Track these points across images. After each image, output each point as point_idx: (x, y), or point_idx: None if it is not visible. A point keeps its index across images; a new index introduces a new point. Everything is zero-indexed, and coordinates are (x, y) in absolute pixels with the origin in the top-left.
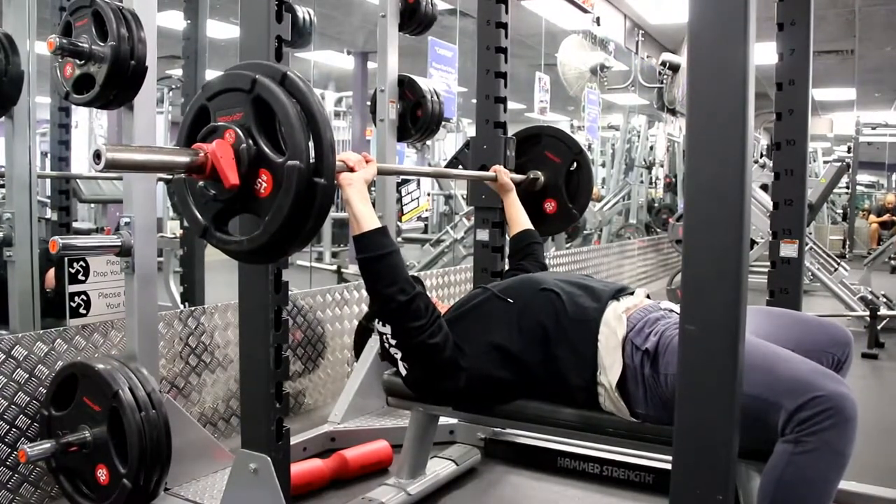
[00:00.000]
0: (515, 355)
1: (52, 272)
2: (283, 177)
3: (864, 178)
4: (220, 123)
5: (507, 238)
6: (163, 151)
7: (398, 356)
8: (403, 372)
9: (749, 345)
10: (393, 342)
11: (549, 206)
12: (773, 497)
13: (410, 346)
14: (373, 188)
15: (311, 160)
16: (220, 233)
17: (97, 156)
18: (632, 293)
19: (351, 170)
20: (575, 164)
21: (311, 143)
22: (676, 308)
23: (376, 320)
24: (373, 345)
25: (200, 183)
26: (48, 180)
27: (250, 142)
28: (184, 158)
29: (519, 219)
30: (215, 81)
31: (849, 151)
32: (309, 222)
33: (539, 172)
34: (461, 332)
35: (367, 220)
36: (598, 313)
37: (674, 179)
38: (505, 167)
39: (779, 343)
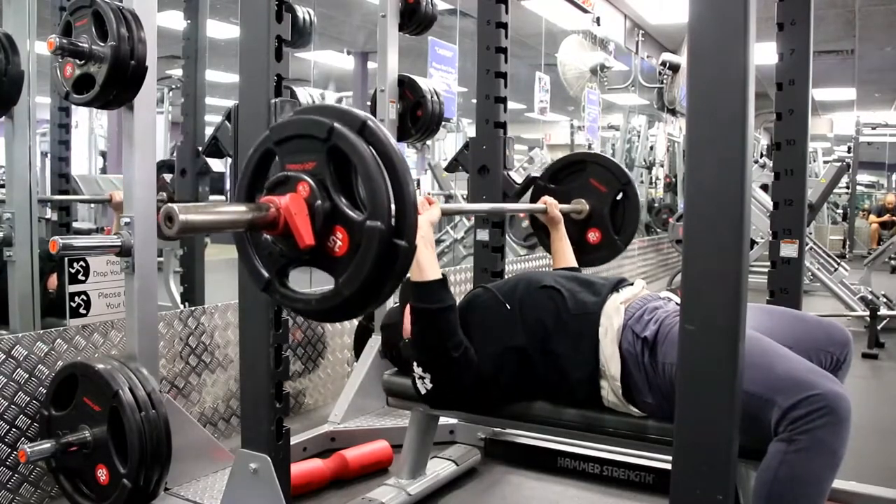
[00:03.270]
0: (518, 356)
1: (55, 275)
2: (361, 237)
3: (864, 178)
4: (291, 173)
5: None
6: (235, 210)
7: (423, 384)
8: (423, 391)
9: (747, 340)
10: (426, 378)
11: (593, 235)
12: (767, 496)
13: (446, 385)
14: None
15: (392, 219)
16: (285, 288)
17: (169, 218)
18: (631, 284)
19: None
20: (621, 194)
21: (392, 201)
22: (675, 297)
23: (415, 364)
24: (373, 345)
25: (266, 235)
26: (48, 180)
27: (325, 196)
28: (255, 215)
29: (565, 254)
30: (286, 125)
31: (849, 151)
32: (386, 286)
33: (583, 201)
34: (469, 337)
35: (430, 268)
36: (598, 307)
37: (674, 179)
38: (504, 167)
39: (777, 341)
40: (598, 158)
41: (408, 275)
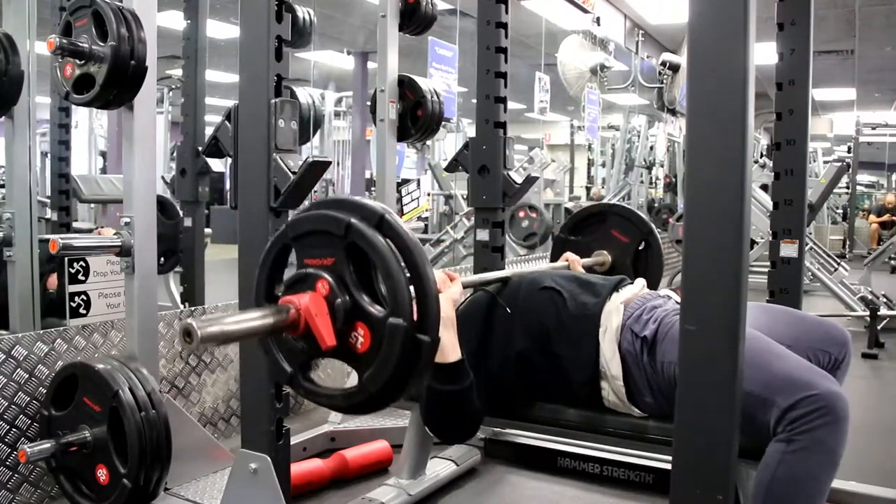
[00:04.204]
0: (520, 358)
1: (55, 275)
2: (384, 334)
3: (864, 178)
4: (310, 271)
5: None
6: (254, 317)
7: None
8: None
9: (746, 339)
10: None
11: None
12: (765, 496)
13: (454, 440)
14: (372, 188)
15: (414, 316)
16: (309, 382)
17: (188, 334)
18: (631, 283)
19: None
20: (644, 244)
21: (413, 297)
22: (675, 295)
23: (427, 428)
24: None
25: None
26: (48, 180)
27: (345, 293)
28: (275, 319)
29: None
30: (302, 221)
31: (849, 151)
32: (411, 381)
33: (605, 252)
34: (468, 340)
35: (451, 350)
36: (598, 307)
37: (674, 179)
38: (504, 167)
39: (776, 340)
40: (618, 209)
41: None
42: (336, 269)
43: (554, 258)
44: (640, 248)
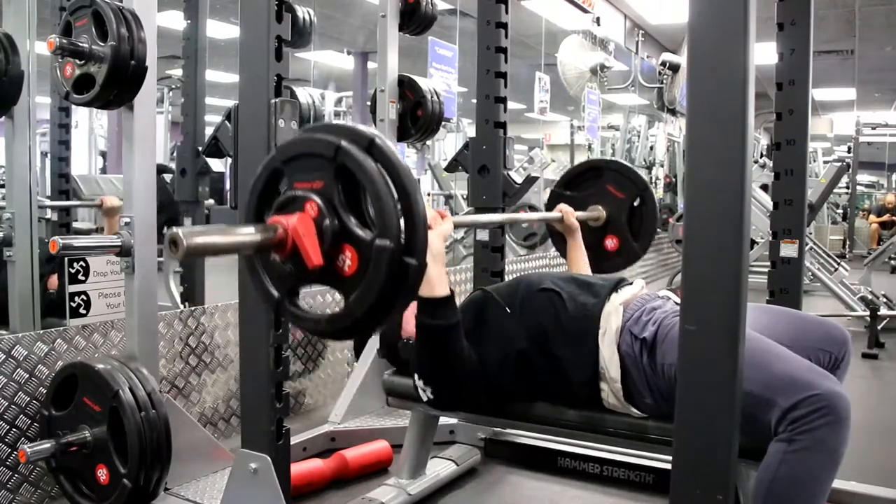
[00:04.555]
0: (519, 359)
1: (55, 275)
2: (370, 257)
3: (864, 178)
4: (299, 193)
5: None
6: (242, 232)
7: (426, 393)
8: (424, 398)
9: (746, 339)
10: (429, 390)
11: (611, 242)
12: (766, 496)
13: (443, 394)
14: None
15: (401, 238)
16: (295, 307)
17: (174, 243)
18: (630, 284)
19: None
20: (639, 200)
21: (400, 219)
22: (674, 296)
23: (416, 376)
24: (373, 345)
25: (275, 255)
26: (48, 180)
27: (334, 215)
28: (263, 236)
29: (579, 263)
30: (292, 145)
31: (849, 151)
32: (396, 305)
33: (600, 207)
34: (470, 340)
35: (439, 284)
36: (598, 308)
37: (674, 179)
38: (504, 167)
39: (775, 340)
40: (614, 164)
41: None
42: (325, 191)
43: (549, 210)
44: (635, 204)
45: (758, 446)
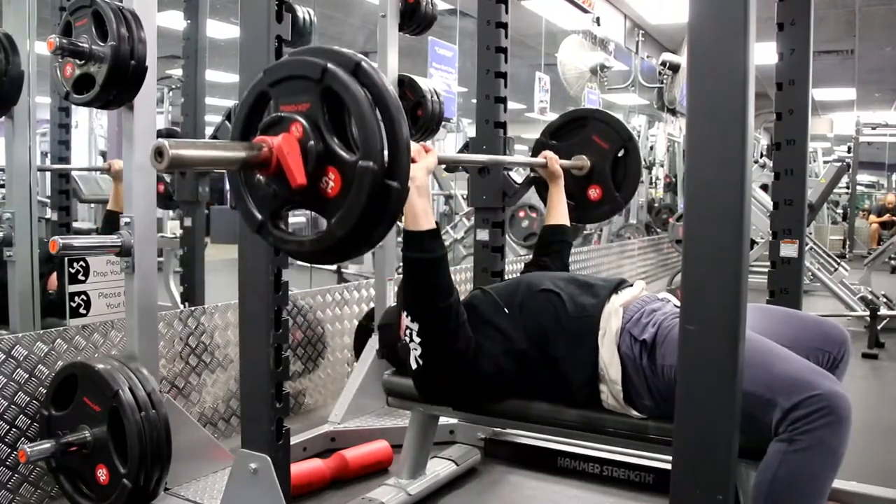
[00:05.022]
0: (518, 359)
1: (55, 275)
2: (353, 178)
3: (864, 178)
4: (284, 114)
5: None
6: (225, 146)
7: (416, 352)
8: (414, 365)
9: (746, 340)
10: (417, 339)
11: (594, 192)
12: (766, 496)
13: (434, 346)
14: None
15: (385, 160)
16: (278, 230)
17: (159, 153)
18: (631, 285)
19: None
20: (623, 151)
21: (384, 142)
22: (674, 298)
23: (404, 313)
24: (373, 345)
25: (259, 176)
26: (48, 180)
27: (318, 137)
28: (247, 153)
29: (559, 211)
30: (279, 66)
31: (849, 151)
32: (379, 227)
33: (585, 157)
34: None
35: (424, 217)
36: (598, 309)
37: (674, 179)
38: (504, 167)
39: (775, 341)
40: (599, 115)
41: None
42: (310, 114)
43: (534, 157)
44: (619, 154)
45: (758, 446)
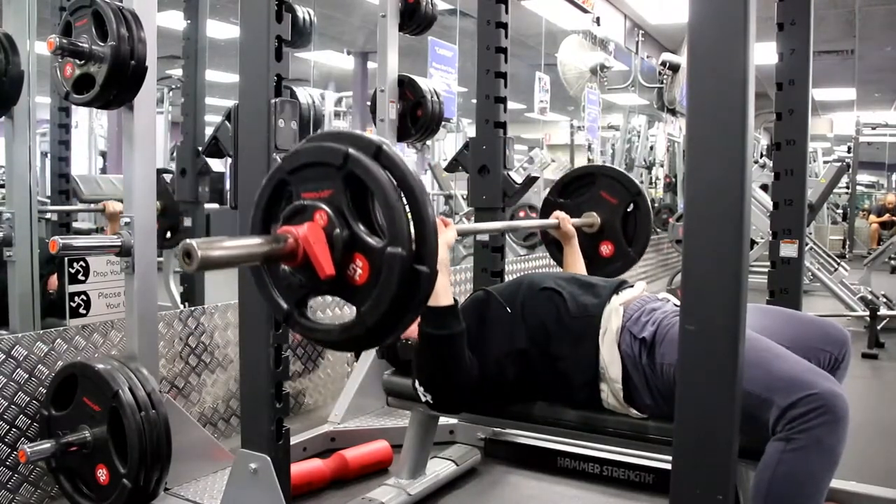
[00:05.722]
0: (520, 359)
1: (55, 275)
2: (382, 265)
3: (864, 178)
4: (307, 202)
5: None
6: (252, 243)
7: (427, 397)
8: (423, 399)
9: (746, 339)
10: (428, 396)
11: (606, 248)
12: (765, 495)
13: (442, 399)
14: None
15: (413, 245)
16: (305, 318)
17: (188, 255)
18: (631, 286)
19: None
20: (632, 206)
21: (411, 226)
22: (673, 297)
23: (416, 382)
24: None
25: (284, 266)
26: (48, 180)
27: (343, 224)
28: (273, 247)
29: (577, 269)
30: (297, 154)
31: (849, 151)
32: (409, 314)
33: (595, 214)
34: (470, 342)
35: (444, 293)
36: (599, 309)
37: (674, 179)
38: (504, 167)
39: (774, 341)
40: (607, 171)
41: None
42: (334, 200)
43: (544, 217)
44: (628, 209)
45: (758, 446)
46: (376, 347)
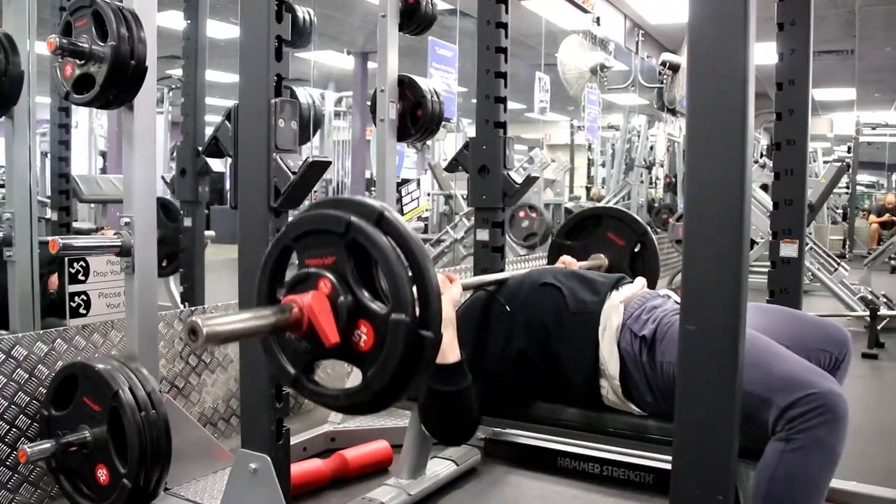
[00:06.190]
0: (519, 357)
1: (55, 275)
2: (386, 331)
3: (864, 178)
4: (312, 270)
5: None
6: (258, 315)
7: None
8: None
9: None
10: (435, 438)
11: None
12: (765, 495)
13: (449, 441)
14: (372, 188)
15: (416, 311)
16: (312, 384)
17: (193, 332)
18: (631, 282)
19: None
20: (639, 245)
21: (414, 293)
22: (674, 294)
23: (423, 426)
24: None
25: (290, 334)
26: (48, 180)
27: (347, 291)
28: (279, 318)
29: None
30: (301, 222)
31: (849, 151)
32: (414, 378)
33: (602, 256)
34: (467, 340)
35: (450, 350)
36: (598, 306)
37: (674, 179)
38: (504, 167)
39: (775, 340)
40: (613, 212)
41: None
42: (337, 267)
43: (551, 263)
44: (635, 249)
45: (758, 446)
46: (383, 410)
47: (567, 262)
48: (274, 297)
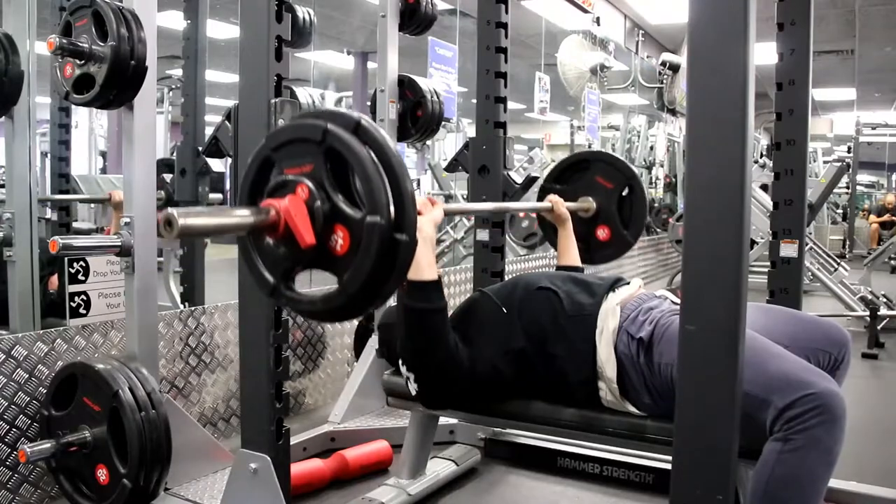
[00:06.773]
0: (517, 359)
1: (55, 276)
2: (361, 234)
3: (864, 178)
4: (289, 177)
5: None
6: (233, 213)
7: (413, 385)
8: (412, 391)
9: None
10: (414, 385)
11: (602, 233)
12: (763, 495)
13: (431, 387)
14: None
15: (391, 214)
16: (290, 291)
17: (168, 223)
18: (627, 283)
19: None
20: (627, 189)
21: (389, 196)
22: (671, 295)
23: (401, 362)
24: (373, 344)
25: (268, 240)
26: (48, 180)
27: (324, 197)
28: (256, 218)
29: (570, 254)
30: (281, 132)
31: (849, 151)
32: (389, 282)
33: (590, 198)
34: (464, 340)
35: (427, 268)
36: (595, 308)
37: (674, 179)
38: (504, 167)
39: (774, 340)
40: (602, 156)
41: None
42: (315, 174)
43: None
44: (623, 193)
45: (754, 446)
46: (358, 318)
47: (554, 200)
48: (254, 206)
